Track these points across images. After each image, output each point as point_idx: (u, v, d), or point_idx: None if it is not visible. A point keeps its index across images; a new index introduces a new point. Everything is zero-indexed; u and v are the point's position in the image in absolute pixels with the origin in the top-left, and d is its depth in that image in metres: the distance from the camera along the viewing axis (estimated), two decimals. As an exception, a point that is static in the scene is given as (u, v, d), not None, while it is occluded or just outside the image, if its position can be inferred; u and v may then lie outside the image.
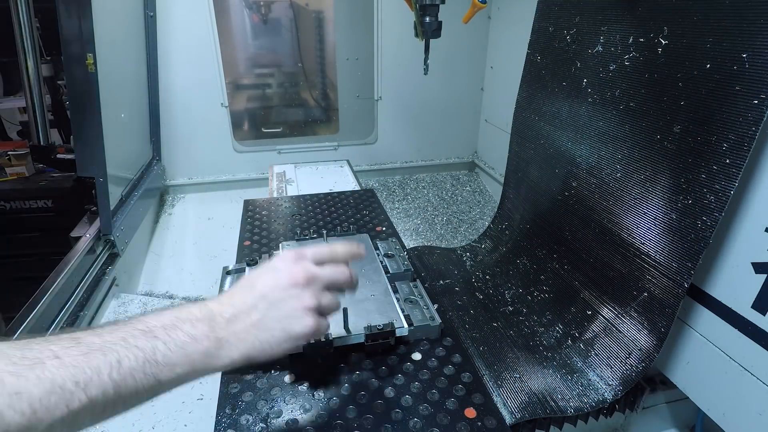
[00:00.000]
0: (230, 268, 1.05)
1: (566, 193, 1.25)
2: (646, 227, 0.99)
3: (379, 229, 1.28)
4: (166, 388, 0.50)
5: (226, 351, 0.55)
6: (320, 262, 0.65)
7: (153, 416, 1.20)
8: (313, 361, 0.82)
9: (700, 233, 0.84)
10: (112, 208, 1.64)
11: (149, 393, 0.49)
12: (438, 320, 0.89)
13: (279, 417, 0.71)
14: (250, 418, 0.71)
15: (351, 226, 1.29)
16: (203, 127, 2.40)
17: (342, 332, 0.83)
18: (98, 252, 1.60)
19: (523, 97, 1.46)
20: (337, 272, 0.65)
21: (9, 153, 1.95)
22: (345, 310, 0.83)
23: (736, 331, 0.85)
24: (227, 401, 0.74)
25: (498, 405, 0.81)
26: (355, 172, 2.15)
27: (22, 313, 1.20)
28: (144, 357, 0.47)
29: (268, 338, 0.57)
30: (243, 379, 0.78)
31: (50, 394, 0.40)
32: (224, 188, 2.53)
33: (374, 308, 0.89)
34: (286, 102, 2.72)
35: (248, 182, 2.55)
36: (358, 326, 0.84)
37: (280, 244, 1.11)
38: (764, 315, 0.80)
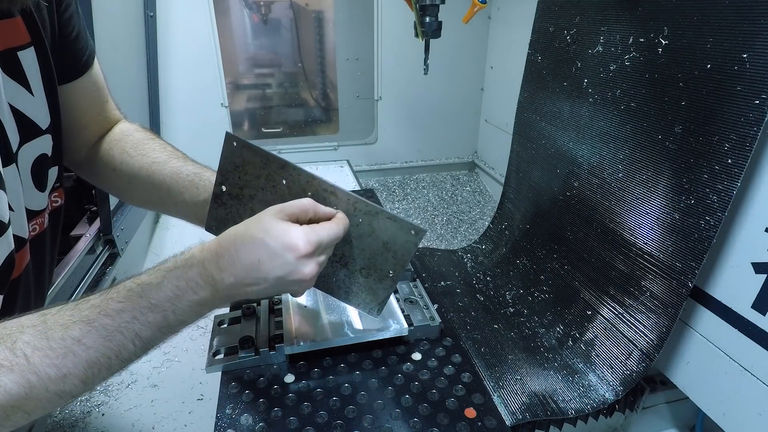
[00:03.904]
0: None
1: (567, 193, 1.25)
2: (648, 227, 0.99)
3: (379, 229, 1.28)
4: (183, 328, 0.57)
5: (228, 302, 0.60)
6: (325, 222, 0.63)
7: (153, 416, 1.20)
8: (313, 361, 0.82)
9: (704, 233, 0.84)
10: (112, 208, 1.64)
11: (170, 337, 0.56)
12: (438, 320, 0.89)
13: (279, 417, 0.71)
14: (250, 418, 0.71)
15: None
16: (203, 127, 2.40)
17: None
18: (98, 252, 1.60)
19: (524, 97, 1.46)
20: (339, 235, 0.63)
21: (9, 153, 1.94)
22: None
23: (736, 331, 0.85)
24: (227, 401, 0.74)
25: (499, 406, 0.81)
26: (355, 172, 2.16)
27: (21, 313, 1.20)
28: (158, 326, 0.53)
29: (268, 295, 0.64)
30: (243, 379, 0.78)
31: (90, 368, 0.49)
32: (224, 188, 2.53)
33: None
34: (286, 102, 2.72)
35: (248, 182, 2.55)
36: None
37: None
38: (764, 315, 0.80)
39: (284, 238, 0.56)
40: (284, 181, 0.64)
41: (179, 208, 0.76)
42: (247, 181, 0.65)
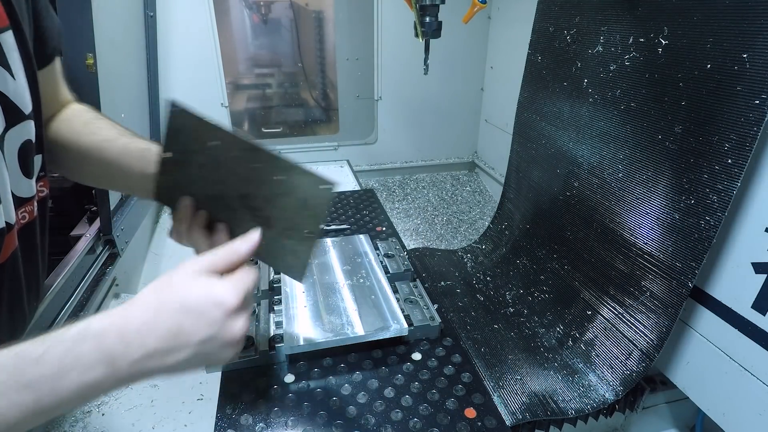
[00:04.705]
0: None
1: (567, 193, 1.25)
2: (648, 227, 0.99)
3: (379, 229, 1.28)
4: (61, 413, 0.48)
5: (127, 383, 0.49)
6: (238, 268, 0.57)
7: (153, 416, 1.20)
8: (313, 361, 0.82)
9: (704, 233, 0.84)
10: (112, 208, 1.64)
11: (44, 422, 0.46)
12: (438, 320, 0.89)
13: (279, 417, 0.71)
14: (250, 418, 0.71)
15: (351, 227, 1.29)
16: (203, 127, 2.40)
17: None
18: (98, 252, 1.60)
19: (524, 97, 1.46)
20: (255, 284, 0.57)
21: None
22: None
23: (736, 331, 0.85)
24: (227, 401, 0.74)
25: (499, 406, 0.81)
26: (355, 172, 2.16)
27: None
28: (27, 409, 0.43)
29: (182, 372, 0.52)
30: (243, 379, 0.78)
31: None
32: (224, 188, 2.53)
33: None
34: (286, 102, 2.72)
35: (248, 182, 2.55)
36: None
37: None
38: (764, 315, 0.80)
39: (209, 295, 0.50)
40: (213, 143, 0.65)
41: (128, 182, 0.75)
42: (186, 146, 0.67)
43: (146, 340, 0.47)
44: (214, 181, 0.67)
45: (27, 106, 0.61)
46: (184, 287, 0.51)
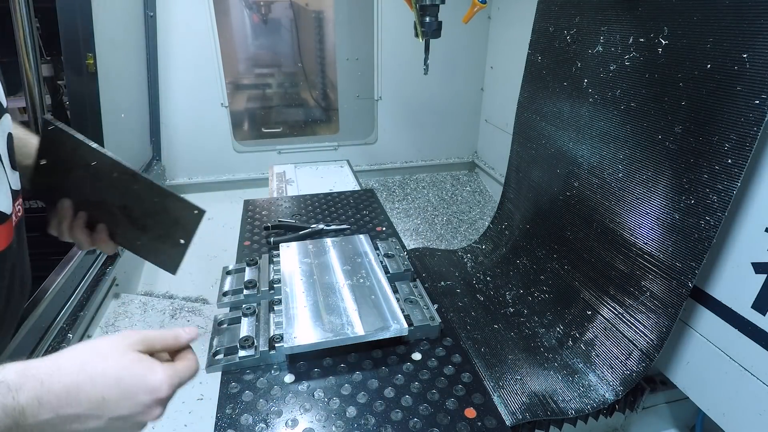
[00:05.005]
0: (230, 268, 1.05)
1: (567, 193, 1.25)
2: (648, 227, 0.99)
3: (379, 229, 1.28)
4: None
5: None
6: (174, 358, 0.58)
7: (153, 416, 1.19)
8: (313, 361, 0.82)
9: (704, 233, 0.84)
10: (112, 208, 1.64)
11: None
12: (438, 320, 0.89)
13: (279, 417, 0.71)
14: (250, 418, 0.71)
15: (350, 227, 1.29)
16: (203, 127, 2.40)
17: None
18: (98, 252, 1.60)
19: (524, 97, 1.46)
20: (191, 378, 0.57)
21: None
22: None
23: (736, 331, 0.85)
24: (227, 401, 0.74)
25: (499, 406, 0.81)
26: (355, 172, 2.15)
27: (22, 313, 1.20)
28: None
29: None
30: (243, 379, 0.78)
31: None
32: (224, 188, 2.53)
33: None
34: (286, 102, 2.72)
35: (248, 182, 2.55)
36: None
37: (280, 245, 1.11)
38: (764, 315, 0.80)
39: (145, 379, 0.50)
40: (93, 162, 0.69)
41: None
42: (65, 158, 0.70)
43: (65, 406, 0.45)
44: (94, 192, 0.71)
45: (2, 99, 0.61)
46: (123, 361, 0.50)
